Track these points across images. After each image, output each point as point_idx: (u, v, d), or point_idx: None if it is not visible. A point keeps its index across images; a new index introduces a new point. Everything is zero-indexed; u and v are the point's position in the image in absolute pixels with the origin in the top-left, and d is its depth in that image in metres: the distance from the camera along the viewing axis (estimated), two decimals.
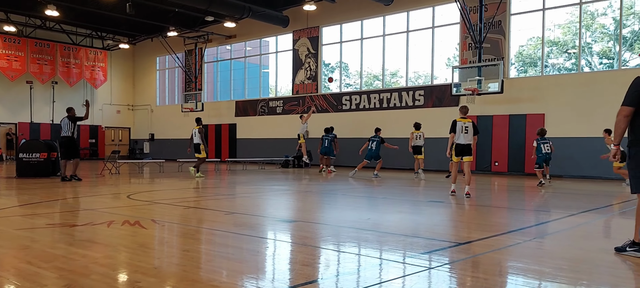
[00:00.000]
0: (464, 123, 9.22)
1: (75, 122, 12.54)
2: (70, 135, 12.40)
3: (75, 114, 12.67)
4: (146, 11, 22.55)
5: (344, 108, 21.02)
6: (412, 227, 6.05)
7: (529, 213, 7.71)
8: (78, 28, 26.70)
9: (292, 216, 7.29)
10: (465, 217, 7.17)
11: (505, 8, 16.68)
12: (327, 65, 22.65)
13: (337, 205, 8.54)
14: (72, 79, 27.51)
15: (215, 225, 6.04)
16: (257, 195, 9.84)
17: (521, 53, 17.51)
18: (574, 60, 16.40)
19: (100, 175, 14.65)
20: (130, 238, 5.04)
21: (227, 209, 7.51)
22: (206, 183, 12.60)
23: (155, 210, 7.45)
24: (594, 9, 16.16)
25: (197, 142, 14.34)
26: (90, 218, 6.37)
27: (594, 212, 7.57)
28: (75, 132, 12.53)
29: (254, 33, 24.12)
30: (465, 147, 9.20)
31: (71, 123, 12.44)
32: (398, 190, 10.93)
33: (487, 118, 17.18)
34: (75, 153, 12.50)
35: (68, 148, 12.42)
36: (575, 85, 15.66)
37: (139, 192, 9.86)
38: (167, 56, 28.10)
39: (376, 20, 20.35)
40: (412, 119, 18.55)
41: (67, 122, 12.43)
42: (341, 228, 5.93)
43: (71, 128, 12.42)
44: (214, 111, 26.20)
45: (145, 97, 30.26)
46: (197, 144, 14.34)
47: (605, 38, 16.38)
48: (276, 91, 24.43)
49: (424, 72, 19.61)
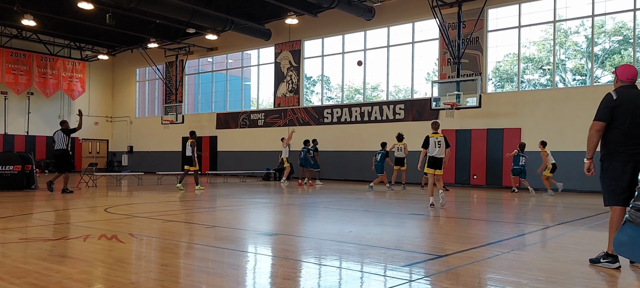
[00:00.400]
0: (436, 138, 9.74)
1: (69, 134, 12.49)
2: (65, 148, 12.33)
3: (69, 127, 12.64)
4: (126, 22, 22.37)
5: (325, 121, 21.10)
6: (393, 240, 6.08)
7: (507, 225, 7.83)
8: (56, 38, 26.29)
9: (274, 229, 7.26)
10: (445, 230, 7.24)
11: (483, 25, 17.07)
12: (309, 78, 22.75)
13: (319, 218, 8.53)
14: (49, 90, 26.99)
15: (195, 239, 5.96)
16: (238, 208, 9.76)
17: (498, 69, 17.90)
18: (549, 77, 16.84)
19: (76, 188, 14.34)
20: (106, 252, 4.94)
21: (207, 222, 7.43)
22: (186, 196, 12.45)
23: (134, 223, 7.32)
24: (567, 27, 16.66)
25: (188, 155, 14.30)
26: (66, 233, 6.23)
27: (569, 224, 7.73)
28: (69, 145, 12.48)
29: (236, 45, 24.12)
30: (438, 160, 9.68)
31: (65, 136, 12.39)
32: (380, 203, 10.98)
33: (465, 132, 17.46)
34: (68, 167, 12.39)
35: (62, 161, 12.32)
36: (550, 100, 16.06)
37: (116, 206, 9.69)
38: (148, 68, 27.84)
39: (357, 35, 20.58)
40: (393, 132, 18.69)
41: (61, 135, 12.37)
42: (323, 241, 5.92)
43: (65, 141, 12.36)
44: (195, 123, 25.99)
45: (124, 108, 29.85)
46: (188, 157, 14.32)
47: (578, 55, 16.88)
48: (258, 104, 24.40)
49: (405, 86, 19.86)
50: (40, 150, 26.76)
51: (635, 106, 4.32)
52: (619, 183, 4.31)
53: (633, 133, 4.30)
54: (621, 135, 4.31)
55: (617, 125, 4.32)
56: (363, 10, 18.96)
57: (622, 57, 15.76)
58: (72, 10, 20.73)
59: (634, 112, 4.31)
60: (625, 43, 15.70)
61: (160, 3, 18.45)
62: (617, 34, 15.95)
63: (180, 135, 26.43)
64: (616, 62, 15.91)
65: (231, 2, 20.10)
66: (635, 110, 4.31)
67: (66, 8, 20.79)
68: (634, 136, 4.30)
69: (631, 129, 4.29)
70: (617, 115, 4.32)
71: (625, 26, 15.57)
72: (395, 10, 19.00)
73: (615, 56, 16.02)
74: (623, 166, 4.29)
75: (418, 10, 18.13)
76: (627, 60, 15.42)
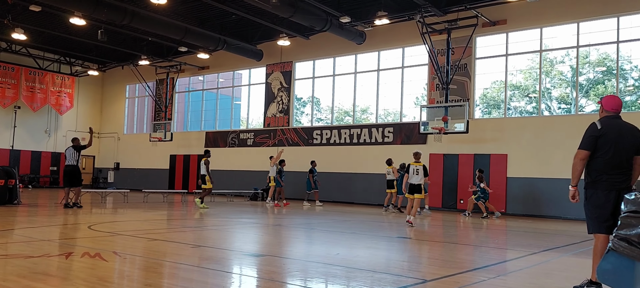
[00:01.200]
0: (416, 166, 11.26)
1: (80, 151, 13.07)
2: (75, 164, 12.86)
3: (80, 143, 13.22)
4: (118, 38, 22.38)
5: (314, 142, 21.15)
6: (381, 263, 6.07)
7: (493, 250, 7.86)
8: (46, 52, 26.16)
9: (260, 250, 7.20)
10: (432, 254, 7.25)
11: (471, 52, 17.39)
12: (299, 99, 22.86)
13: (306, 239, 8.49)
14: (36, 104, 26.73)
15: (179, 259, 5.89)
16: (224, 228, 9.68)
17: (485, 95, 18.18)
18: (535, 104, 17.14)
19: (60, 204, 14.11)
20: (89, 271, 4.85)
21: (192, 242, 7.35)
22: (172, 215, 12.32)
23: (118, 241, 7.22)
24: (553, 56, 17.04)
25: (203, 173, 14.70)
26: (47, 250, 6.11)
27: (553, 250, 7.79)
28: (79, 161, 13.05)
29: (227, 65, 24.21)
30: (417, 186, 11.17)
31: (76, 152, 12.91)
32: (367, 225, 10.96)
33: (453, 156, 17.61)
34: (78, 182, 12.91)
35: (72, 176, 12.80)
36: (535, 127, 16.31)
37: (100, 223, 9.55)
38: (138, 84, 27.77)
39: (348, 58, 20.82)
40: (381, 155, 18.79)
41: (72, 152, 12.91)
42: (309, 263, 5.89)
43: (75, 157, 12.88)
44: (184, 141, 25.86)
45: (112, 125, 29.63)
46: (203, 175, 14.70)
47: (563, 84, 17.23)
48: (247, 123, 24.40)
49: (394, 109, 20.05)
50: (25, 164, 26.35)
51: (618, 136, 4.40)
52: (602, 211, 4.36)
53: (616, 162, 4.37)
54: (604, 164, 4.38)
55: (601, 154, 4.40)
56: (354, 34, 19.23)
57: (606, 88, 16.12)
58: (63, 25, 20.71)
59: (617, 142, 4.39)
60: (609, 74, 16.08)
61: (153, 21, 18.52)
62: (601, 65, 16.35)
63: (168, 152, 26.25)
64: (600, 92, 16.27)
65: (224, 22, 20.26)
66: (619, 140, 4.39)
67: (58, 23, 20.77)
68: (616, 165, 4.37)
69: (614, 158, 4.37)
70: (600, 144, 4.40)
71: (609, 57, 15.97)
72: (385, 35, 19.30)
73: (599, 86, 16.38)
74: (606, 194, 4.35)
75: (408, 36, 18.43)
76: (610, 90, 15.77)
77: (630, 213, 3.88)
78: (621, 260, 3.80)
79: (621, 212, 4.03)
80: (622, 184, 4.36)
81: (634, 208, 3.86)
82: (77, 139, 13.43)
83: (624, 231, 3.87)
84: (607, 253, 4.04)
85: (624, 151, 4.38)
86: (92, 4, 16.51)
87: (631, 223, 3.80)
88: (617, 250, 3.87)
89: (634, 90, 15.80)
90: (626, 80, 15.79)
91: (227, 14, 19.10)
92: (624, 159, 4.39)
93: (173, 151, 26.05)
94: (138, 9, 17.79)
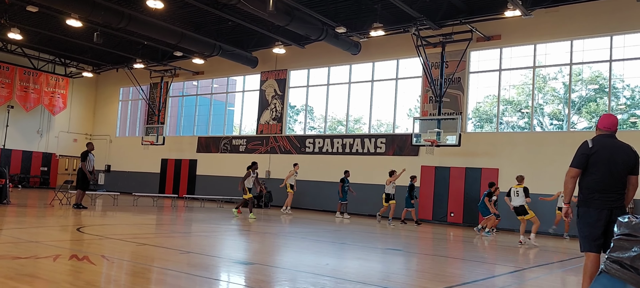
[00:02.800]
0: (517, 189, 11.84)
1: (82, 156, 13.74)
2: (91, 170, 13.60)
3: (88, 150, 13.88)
4: (114, 41, 22.33)
5: (307, 150, 21.15)
6: (370, 275, 6.06)
7: (482, 265, 7.88)
8: (41, 53, 26.04)
9: (249, 258, 7.17)
10: (422, 267, 7.25)
11: (465, 66, 17.53)
12: (293, 107, 22.89)
13: (296, 248, 8.47)
14: (30, 104, 26.54)
15: (168, 264, 5.86)
16: (214, 235, 9.63)
17: (478, 109, 18.31)
18: (527, 120, 17.28)
19: (49, 205, 13.98)
20: (76, 274, 4.81)
21: (181, 248, 7.31)
22: (162, 219, 12.24)
23: (106, 245, 7.16)
24: (546, 73, 17.22)
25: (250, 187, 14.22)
26: (35, 251, 6.05)
27: (543, 267, 7.83)
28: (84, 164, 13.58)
29: (222, 71, 24.21)
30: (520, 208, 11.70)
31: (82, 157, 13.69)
32: (358, 236, 10.95)
33: (444, 169, 17.67)
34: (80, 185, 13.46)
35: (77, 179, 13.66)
36: (527, 143, 16.42)
37: (90, 225, 9.47)
38: (132, 87, 27.66)
39: (343, 68, 20.90)
40: (373, 165, 18.80)
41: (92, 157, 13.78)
42: (298, 273, 5.87)
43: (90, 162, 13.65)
44: (175, 145, 25.76)
45: (105, 127, 29.47)
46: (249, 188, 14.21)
47: (555, 101, 17.40)
48: (240, 129, 24.37)
49: (387, 120, 20.12)
50: (16, 164, 26.11)
51: (610, 155, 4.39)
52: (593, 230, 4.35)
53: (608, 181, 4.36)
54: (596, 183, 4.37)
55: (592, 173, 4.39)
56: (349, 44, 19.32)
57: (598, 105, 16.30)
58: (60, 26, 20.63)
59: (609, 160, 4.38)
60: (601, 92, 16.26)
61: (150, 25, 18.51)
62: (594, 83, 16.53)
63: (159, 156, 26.12)
64: (592, 109, 16.44)
65: (220, 28, 20.29)
66: (610, 159, 4.38)
67: (54, 24, 20.69)
68: (608, 184, 4.36)
69: (606, 177, 4.36)
70: (592, 163, 4.40)
71: (601, 75, 16.16)
72: (380, 47, 19.41)
73: (591, 104, 16.56)
74: (598, 213, 4.34)
75: (403, 48, 18.55)
76: (602, 108, 15.94)
77: (623, 236, 3.89)
78: (613, 282, 3.81)
79: (614, 235, 4.04)
80: (614, 203, 4.34)
81: (627, 231, 3.87)
82: (90, 143, 14.22)
83: (617, 253, 3.88)
84: (599, 274, 4.04)
85: (615, 170, 4.36)
86: (89, 6, 16.48)
87: (624, 246, 3.82)
88: (609, 273, 3.89)
89: (625, 108, 15.98)
90: (618, 98, 15.97)
91: (223, 20, 19.14)
92: (616, 178, 4.37)
93: (165, 155, 25.93)
94: (135, 12, 17.78)
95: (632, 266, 3.66)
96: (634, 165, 4.43)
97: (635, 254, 3.69)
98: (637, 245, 3.72)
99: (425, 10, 16.00)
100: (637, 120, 15.75)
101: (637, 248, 3.71)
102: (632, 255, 3.70)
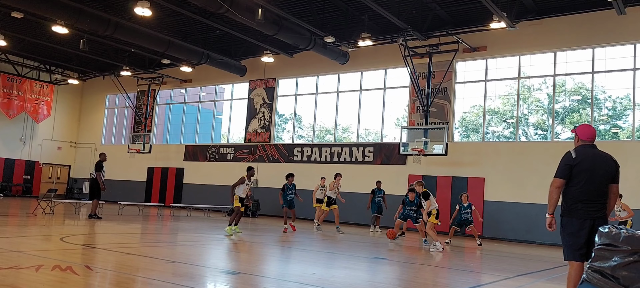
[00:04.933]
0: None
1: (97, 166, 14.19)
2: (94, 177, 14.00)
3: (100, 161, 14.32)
4: (100, 49, 22.16)
5: (295, 159, 21.13)
6: (357, 284, 6.07)
7: (468, 274, 7.93)
8: (25, 59, 25.72)
9: (235, 267, 7.12)
10: (408, 276, 7.28)
11: (451, 77, 17.73)
12: (281, 116, 22.89)
13: (283, 257, 8.43)
14: (13, 111, 26.14)
15: (152, 274, 5.79)
16: (200, 244, 9.56)
17: (464, 119, 18.50)
18: (512, 130, 17.51)
19: (32, 214, 13.75)
20: (59, 285, 4.74)
21: (167, 257, 7.24)
22: (148, 229, 12.10)
23: (90, 255, 7.07)
24: (531, 84, 17.49)
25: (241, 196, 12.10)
26: (17, 261, 5.95)
27: (527, 275, 7.90)
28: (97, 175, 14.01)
29: (210, 79, 24.15)
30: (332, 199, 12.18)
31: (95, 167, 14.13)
32: (345, 245, 10.95)
33: (431, 178, 17.78)
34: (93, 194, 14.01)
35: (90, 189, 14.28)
36: (512, 152, 16.63)
37: (73, 235, 9.33)
38: (118, 95, 27.41)
39: (331, 77, 20.99)
40: (361, 174, 18.85)
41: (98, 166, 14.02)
42: (285, 283, 5.85)
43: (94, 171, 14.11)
44: (162, 154, 25.55)
45: (90, 135, 29.12)
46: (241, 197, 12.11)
47: (540, 111, 17.66)
48: (228, 138, 24.28)
49: (374, 129, 20.22)
50: None
51: (592, 165, 4.47)
52: (576, 240, 4.41)
53: (590, 191, 4.43)
54: (579, 193, 4.44)
55: (576, 183, 4.46)
56: (338, 54, 19.43)
57: (581, 116, 16.59)
58: (45, 33, 20.43)
59: (592, 171, 4.45)
60: (584, 102, 16.56)
61: (137, 32, 18.41)
62: (577, 94, 16.83)
63: (146, 165, 25.87)
64: (575, 119, 16.72)
65: (208, 36, 20.26)
66: (593, 170, 4.46)
67: (39, 31, 20.48)
68: (591, 194, 4.43)
69: (588, 187, 4.43)
70: (575, 173, 4.47)
71: (584, 87, 16.47)
72: (368, 57, 19.55)
73: (574, 114, 16.85)
74: (581, 223, 4.40)
75: (390, 58, 18.71)
76: (585, 118, 16.22)
77: (604, 246, 3.95)
78: None
79: (595, 244, 4.10)
80: (597, 213, 4.41)
81: (608, 241, 3.94)
82: (103, 154, 14.57)
83: (598, 263, 3.94)
84: (581, 284, 4.10)
85: (598, 180, 4.44)
86: (76, 13, 16.35)
87: (604, 256, 3.89)
88: (591, 282, 3.95)
89: (607, 119, 16.28)
90: (600, 109, 16.27)
91: (211, 28, 19.13)
92: (599, 188, 4.45)
93: (151, 163, 25.70)
94: (122, 20, 17.69)
95: (613, 275, 3.73)
96: (614, 175, 4.53)
97: (615, 263, 3.77)
98: (618, 255, 3.79)
99: (412, 22, 16.19)
100: (619, 130, 16.05)
101: (618, 257, 3.78)
102: (613, 264, 3.77)
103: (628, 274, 3.65)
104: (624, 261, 3.71)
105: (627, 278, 3.64)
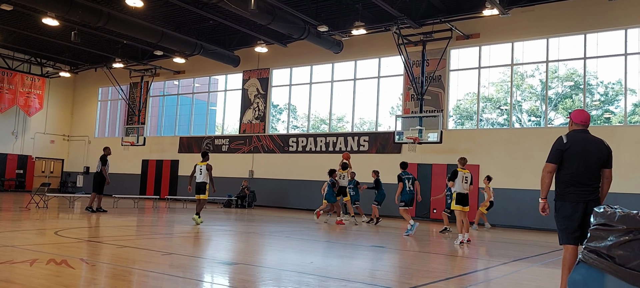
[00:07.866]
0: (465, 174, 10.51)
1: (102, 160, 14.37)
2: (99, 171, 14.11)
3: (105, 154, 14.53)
4: (92, 40, 21.93)
5: (290, 149, 21.11)
6: (354, 272, 6.09)
7: (465, 260, 7.99)
8: (16, 52, 25.42)
9: (232, 258, 7.13)
10: (406, 263, 7.31)
11: (445, 64, 17.72)
12: (276, 106, 22.82)
13: (280, 247, 8.45)
14: (4, 105, 25.88)
15: (149, 266, 5.78)
16: (196, 235, 9.55)
17: (459, 106, 18.52)
18: (506, 116, 17.56)
19: (25, 209, 13.67)
20: (54, 279, 4.72)
21: (163, 249, 7.23)
22: (143, 221, 12.07)
23: (85, 248, 7.04)
24: (524, 70, 17.52)
25: (202, 181, 11.76)
26: (10, 256, 5.91)
27: (523, 260, 7.97)
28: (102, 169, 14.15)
29: (203, 70, 23.99)
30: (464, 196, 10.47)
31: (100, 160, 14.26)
32: (342, 234, 10.99)
33: (426, 166, 17.84)
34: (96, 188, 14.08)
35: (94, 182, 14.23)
36: (506, 139, 16.69)
37: (68, 228, 9.29)
38: (111, 87, 27.20)
39: (325, 67, 20.92)
40: (356, 163, 18.84)
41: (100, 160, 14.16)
42: (283, 272, 5.86)
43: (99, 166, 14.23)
44: (156, 146, 25.44)
45: (83, 128, 28.91)
46: (202, 183, 11.77)
47: (533, 97, 17.72)
48: (223, 129, 24.19)
49: (369, 118, 20.21)
50: None
51: (584, 149, 4.51)
52: (570, 223, 4.46)
53: (581, 175, 4.48)
54: (571, 177, 4.49)
55: (567, 167, 4.50)
56: (332, 43, 19.34)
57: (574, 102, 16.65)
58: (36, 25, 20.17)
59: (583, 155, 4.49)
60: (576, 88, 16.62)
61: (129, 23, 18.22)
62: (569, 80, 16.88)
63: (140, 157, 25.75)
64: (568, 105, 16.78)
65: (201, 27, 20.09)
66: (584, 154, 4.50)
67: (30, 23, 20.22)
68: (582, 178, 4.48)
69: (580, 171, 4.48)
70: (566, 157, 4.51)
71: (576, 73, 16.52)
72: (362, 45, 19.48)
73: (567, 100, 16.91)
74: (574, 206, 4.45)
75: (384, 47, 18.65)
76: (578, 104, 16.29)
77: (599, 226, 3.98)
78: (591, 271, 3.90)
79: (590, 225, 4.13)
80: (589, 196, 4.46)
81: (603, 221, 3.96)
82: (107, 148, 14.71)
83: (594, 243, 3.97)
84: (578, 264, 4.14)
85: (589, 164, 4.48)
86: (67, 5, 16.14)
87: (600, 236, 3.91)
88: (587, 262, 3.98)
89: (599, 104, 16.36)
90: (592, 95, 16.34)
91: (204, 19, 18.96)
92: (590, 172, 4.49)
93: (145, 156, 25.58)
94: (114, 11, 17.49)
95: (609, 255, 3.76)
96: (607, 159, 4.55)
97: (611, 243, 3.79)
98: (613, 235, 3.82)
99: (406, 10, 16.12)
100: (611, 116, 16.14)
101: (613, 237, 3.81)
102: (608, 244, 3.80)
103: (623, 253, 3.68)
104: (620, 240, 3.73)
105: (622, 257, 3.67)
